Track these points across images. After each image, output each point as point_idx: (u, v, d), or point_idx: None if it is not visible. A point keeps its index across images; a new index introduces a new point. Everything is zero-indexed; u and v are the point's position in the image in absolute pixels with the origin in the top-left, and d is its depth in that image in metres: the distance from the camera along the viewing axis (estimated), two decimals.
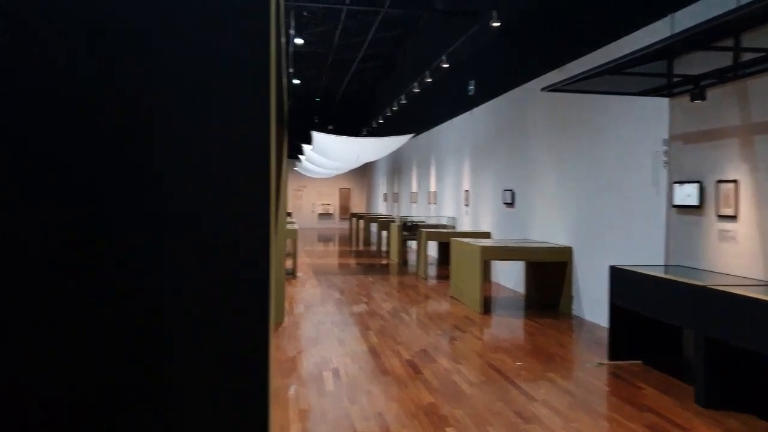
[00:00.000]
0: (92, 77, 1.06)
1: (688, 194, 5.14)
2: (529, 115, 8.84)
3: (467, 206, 11.97)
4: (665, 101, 5.54)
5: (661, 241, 5.58)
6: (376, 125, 21.09)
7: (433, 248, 13.25)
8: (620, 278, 5.02)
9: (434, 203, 14.99)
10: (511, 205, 9.42)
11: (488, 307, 7.61)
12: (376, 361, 5.08)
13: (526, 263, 8.20)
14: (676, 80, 5.01)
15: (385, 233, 15.85)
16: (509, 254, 7.55)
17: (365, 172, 27.88)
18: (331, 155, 15.59)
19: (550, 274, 7.61)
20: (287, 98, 6.04)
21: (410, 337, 6.02)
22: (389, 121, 19.12)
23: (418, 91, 14.36)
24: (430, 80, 13.26)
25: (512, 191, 9.35)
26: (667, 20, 5.54)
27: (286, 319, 6.76)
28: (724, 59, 4.51)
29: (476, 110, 11.43)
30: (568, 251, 7.32)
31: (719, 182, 4.81)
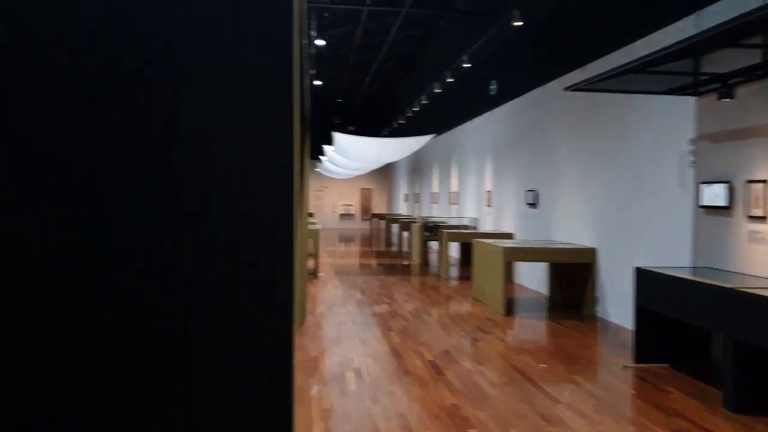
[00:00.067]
0: (116, 79, 1.07)
1: (716, 194, 5.04)
2: (551, 115, 8.76)
3: (489, 207, 11.90)
4: (691, 100, 5.44)
5: (687, 242, 5.48)
6: (397, 125, 21.08)
7: (454, 249, 13.20)
8: (646, 280, 4.95)
9: (455, 204, 14.93)
10: (534, 205, 9.35)
11: (511, 308, 7.56)
12: (398, 361, 5.08)
13: (549, 264, 8.12)
14: (703, 78, 4.92)
15: (406, 234, 15.84)
16: (532, 255, 7.49)
17: (386, 172, 27.89)
18: (352, 156, 15.63)
19: (573, 275, 7.53)
20: (309, 99, 6.07)
21: (432, 338, 6.00)
22: (410, 121, 19.10)
23: (439, 91, 14.32)
24: (451, 80, 13.21)
25: (535, 192, 9.28)
26: (690, 19, 5.45)
27: (308, 318, 6.80)
28: (752, 57, 4.41)
29: (498, 110, 11.37)
30: (592, 252, 7.23)
31: (748, 182, 4.71)
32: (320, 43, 15.93)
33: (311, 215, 16.38)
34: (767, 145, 4.58)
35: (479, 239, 8.54)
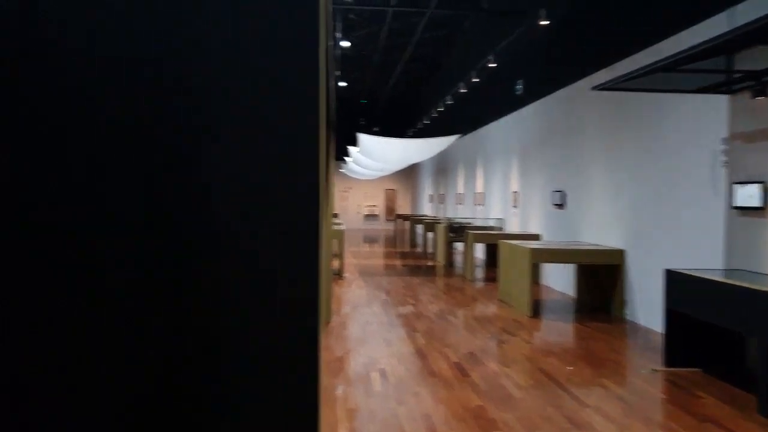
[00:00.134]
0: (144, 81, 1.09)
1: (750, 195, 4.92)
2: (579, 114, 8.65)
3: (515, 207, 11.80)
4: (724, 99, 5.31)
5: (719, 243, 5.35)
6: (421, 126, 21.04)
7: (480, 250, 13.12)
8: (677, 282, 4.85)
9: (481, 204, 14.84)
10: (561, 206, 9.24)
11: (537, 310, 7.48)
12: (423, 362, 5.07)
13: (576, 266, 8.02)
14: (736, 76, 4.81)
15: (431, 235, 15.79)
16: (559, 257, 7.40)
17: (411, 173, 27.86)
18: (377, 157, 15.66)
19: (601, 277, 7.42)
20: (334, 101, 6.10)
21: (457, 339, 5.97)
22: (435, 122, 19.06)
23: (464, 91, 14.25)
24: (476, 80, 13.14)
25: (562, 192, 9.17)
26: (717, 18, 5.33)
27: (333, 319, 6.82)
28: None
29: (524, 110, 11.27)
30: (620, 254, 7.11)
31: None
32: (345, 44, 16.00)
33: (336, 216, 16.45)
34: None
35: (505, 240, 8.47)
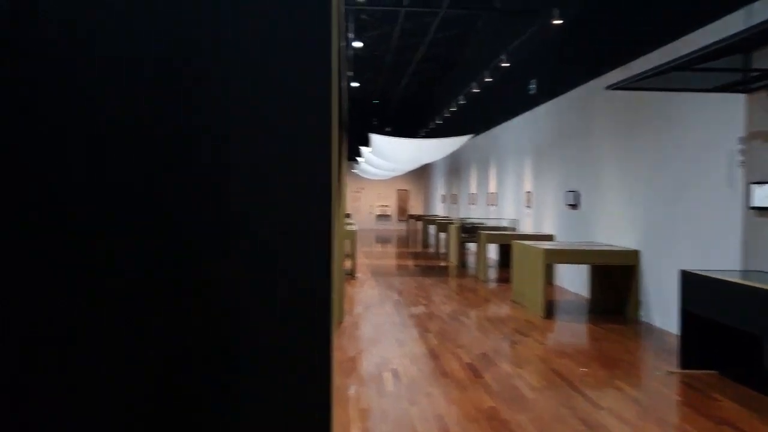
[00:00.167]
0: (158, 82, 1.09)
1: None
2: (593, 114, 8.59)
3: (529, 208, 11.74)
4: (741, 97, 5.25)
5: (736, 244, 5.29)
6: (434, 126, 21.01)
7: (493, 251, 13.07)
8: (692, 283, 4.79)
9: (494, 205, 14.78)
10: (575, 206, 9.17)
11: (551, 311, 7.43)
12: (435, 363, 5.05)
13: (590, 267, 7.95)
14: (753, 75, 4.75)
15: (443, 235, 15.76)
16: (573, 257, 7.34)
17: (423, 173, 27.83)
18: (389, 157, 15.65)
19: (616, 278, 7.36)
20: (346, 101, 6.10)
21: (470, 340, 5.95)
22: (447, 122, 19.01)
23: (477, 91, 14.20)
24: (489, 80, 13.09)
25: (576, 192, 9.10)
26: (731, 18, 5.27)
27: (345, 319, 6.83)
28: None
29: (537, 110, 11.20)
30: (635, 254, 7.05)
31: None
32: (358, 45, 16.01)
33: (348, 216, 16.47)
34: None
35: (519, 241, 8.42)
